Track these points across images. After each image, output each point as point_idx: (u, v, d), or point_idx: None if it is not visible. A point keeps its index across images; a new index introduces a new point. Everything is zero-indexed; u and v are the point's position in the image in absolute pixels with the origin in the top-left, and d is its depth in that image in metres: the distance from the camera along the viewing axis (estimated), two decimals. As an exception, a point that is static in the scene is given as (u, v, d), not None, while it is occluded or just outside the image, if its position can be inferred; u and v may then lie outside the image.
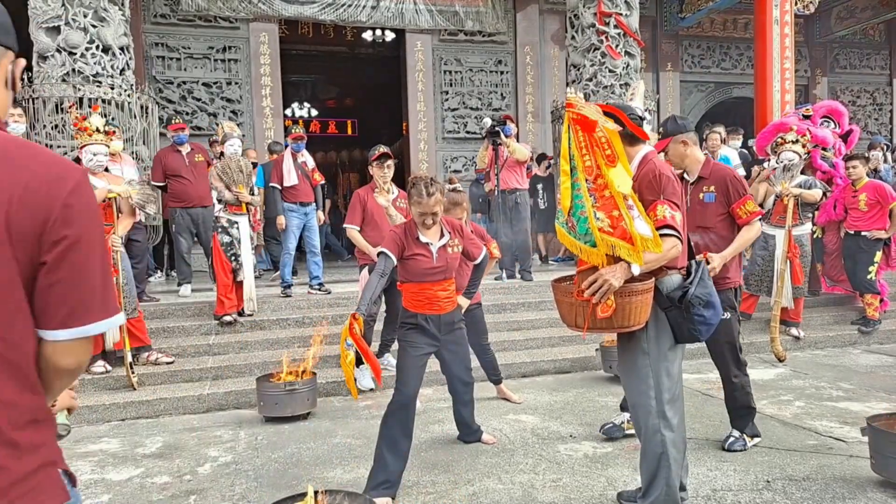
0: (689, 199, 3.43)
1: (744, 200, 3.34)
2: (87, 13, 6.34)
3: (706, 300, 2.37)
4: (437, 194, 3.03)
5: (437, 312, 3.17)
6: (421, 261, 3.10)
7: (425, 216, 3.05)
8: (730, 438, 3.48)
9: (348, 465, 3.40)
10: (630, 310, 2.26)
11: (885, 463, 2.86)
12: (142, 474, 3.37)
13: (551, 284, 2.50)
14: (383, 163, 4.72)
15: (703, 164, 3.46)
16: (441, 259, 3.13)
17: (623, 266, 2.21)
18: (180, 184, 6.52)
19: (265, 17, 9.68)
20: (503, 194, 6.88)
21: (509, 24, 10.88)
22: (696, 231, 3.34)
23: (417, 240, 3.11)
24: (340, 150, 18.02)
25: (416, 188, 3.04)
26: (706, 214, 3.40)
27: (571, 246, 2.32)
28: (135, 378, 4.56)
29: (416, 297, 3.17)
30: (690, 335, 2.41)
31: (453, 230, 3.24)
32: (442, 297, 3.18)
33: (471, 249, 3.34)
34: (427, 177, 3.10)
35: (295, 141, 6.51)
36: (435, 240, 3.14)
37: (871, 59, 13.60)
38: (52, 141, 6.23)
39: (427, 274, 3.11)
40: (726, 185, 3.36)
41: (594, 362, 5.25)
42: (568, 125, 2.29)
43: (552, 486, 3.03)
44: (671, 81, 12.13)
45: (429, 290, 3.14)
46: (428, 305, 3.16)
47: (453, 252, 3.19)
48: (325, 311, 5.92)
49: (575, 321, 2.34)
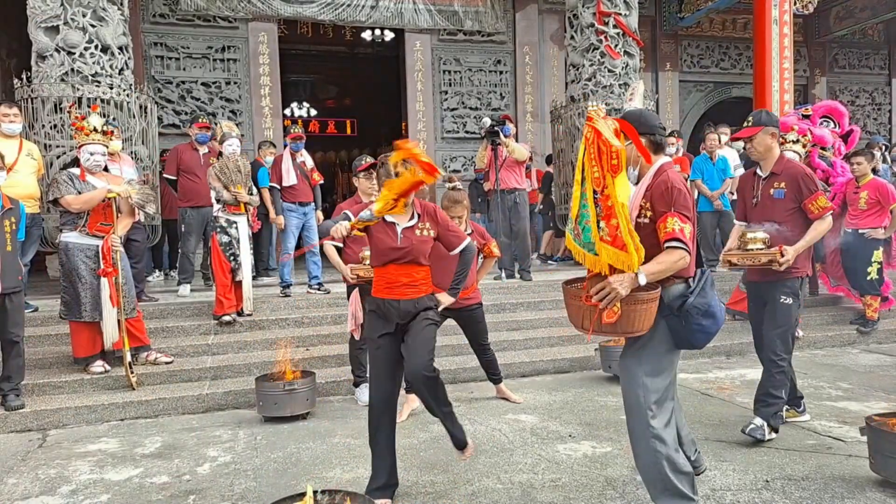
0: (760, 193, 3.63)
1: (815, 197, 3.48)
2: (85, 13, 6.33)
3: (705, 310, 2.42)
4: (405, 174, 2.82)
5: (396, 297, 2.89)
6: (384, 239, 2.89)
7: (373, 190, 2.96)
8: (750, 425, 3.52)
9: (347, 464, 3.40)
10: (634, 317, 2.35)
11: (884, 462, 2.87)
12: (141, 474, 3.36)
13: (562, 286, 2.57)
14: (371, 174, 4.35)
15: (777, 160, 3.60)
16: (406, 240, 2.89)
17: (630, 276, 2.29)
18: (192, 182, 6.49)
19: (264, 16, 9.67)
20: (502, 194, 6.88)
21: (508, 23, 10.88)
22: (763, 224, 3.56)
23: (382, 219, 2.90)
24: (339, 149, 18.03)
25: (384, 168, 2.91)
26: (775, 209, 3.56)
27: (576, 253, 2.44)
28: (134, 378, 4.55)
29: (378, 281, 2.98)
30: (688, 342, 2.49)
31: (424, 213, 3.00)
32: (404, 282, 2.91)
33: (448, 239, 3.07)
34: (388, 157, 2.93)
35: (294, 141, 6.52)
36: (403, 221, 2.93)
37: (870, 59, 13.61)
38: (50, 141, 6.22)
39: (389, 254, 2.89)
40: (798, 182, 3.51)
41: (593, 362, 5.25)
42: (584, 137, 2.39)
43: (551, 486, 3.03)
44: (670, 81, 12.13)
45: (390, 273, 2.91)
46: (388, 290, 2.91)
47: (422, 235, 2.94)
48: (325, 311, 5.92)
49: (581, 323, 2.43)
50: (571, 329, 5.92)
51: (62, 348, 4.93)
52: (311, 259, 6.39)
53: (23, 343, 4.23)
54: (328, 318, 5.79)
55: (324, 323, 5.76)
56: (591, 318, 2.36)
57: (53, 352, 4.94)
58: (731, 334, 5.97)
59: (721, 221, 7.34)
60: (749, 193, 3.75)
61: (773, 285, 3.56)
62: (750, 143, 3.61)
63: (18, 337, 4.16)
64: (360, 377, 4.56)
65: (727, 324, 6.09)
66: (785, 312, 3.53)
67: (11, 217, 4.11)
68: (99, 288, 4.52)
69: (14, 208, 4.18)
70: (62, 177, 4.55)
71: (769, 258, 3.43)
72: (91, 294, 4.52)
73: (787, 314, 3.53)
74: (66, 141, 6.12)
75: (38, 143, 5.97)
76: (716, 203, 7.21)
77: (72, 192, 4.47)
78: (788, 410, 3.90)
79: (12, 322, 4.10)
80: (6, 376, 4.20)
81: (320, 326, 5.71)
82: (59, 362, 4.84)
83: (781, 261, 3.38)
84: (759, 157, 3.65)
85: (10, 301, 4.08)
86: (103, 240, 4.52)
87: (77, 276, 4.51)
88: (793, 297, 3.54)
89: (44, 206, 5.56)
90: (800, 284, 3.60)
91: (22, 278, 4.26)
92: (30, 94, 6.25)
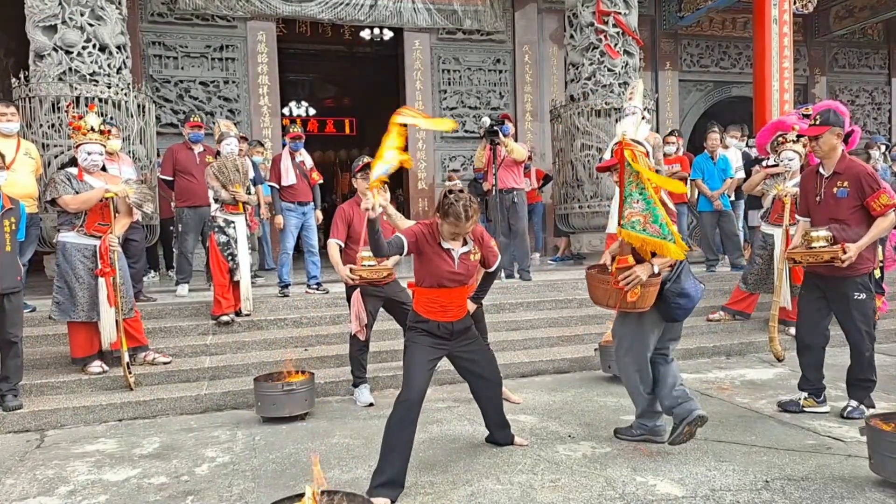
0: (824, 192, 3.81)
1: (878, 194, 3.64)
2: (83, 12, 6.32)
3: (679, 292, 3.24)
4: (474, 217, 3.02)
5: (449, 320, 3.18)
6: (442, 264, 3.09)
7: (456, 235, 3.07)
8: (848, 408, 3.88)
9: (346, 465, 3.39)
10: (645, 296, 3.19)
11: (883, 462, 2.86)
12: (139, 475, 3.35)
13: (586, 272, 3.41)
14: (367, 175, 4.22)
15: (839, 159, 3.77)
16: (462, 266, 3.13)
17: (648, 266, 3.16)
18: (189, 182, 6.48)
19: (263, 15, 9.66)
20: (501, 193, 6.87)
21: (508, 22, 10.87)
22: (828, 223, 3.74)
23: (439, 244, 3.10)
24: (338, 149, 18.01)
25: (453, 209, 2.98)
26: (839, 208, 3.74)
27: (642, 242, 3.14)
28: (132, 378, 4.54)
29: (430, 303, 3.15)
30: (671, 316, 3.32)
31: (476, 238, 3.22)
32: (456, 305, 3.19)
33: (488, 257, 3.34)
34: (465, 196, 3.02)
35: (293, 140, 6.50)
36: (457, 246, 3.13)
37: (870, 59, 13.61)
38: (48, 140, 6.21)
39: (447, 279, 3.11)
40: (860, 180, 3.67)
41: (593, 362, 5.24)
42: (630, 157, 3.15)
43: (551, 487, 3.02)
44: (670, 80, 12.13)
45: (444, 297, 3.14)
46: (441, 312, 3.16)
47: (474, 260, 3.20)
48: (323, 311, 5.91)
49: (606, 302, 3.29)
50: (571, 329, 5.93)
51: (60, 348, 4.92)
52: (309, 259, 6.38)
53: (21, 343, 4.21)
54: (327, 319, 5.78)
55: (322, 323, 5.75)
56: (616, 298, 3.20)
57: (51, 352, 4.93)
58: (732, 334, 5.97)
59: (721, 221, 7.33)
60: (812, 192, 3.92)
61: (844, 282, 3.79)
62: (815, 141, 3.76)
63: (17, 337, 4.14)
64: (360, 378, 4.54)
65: (727, 324, 6.09)
66: (861, 307, 3.80)
67: (11, 217, 4.10)
68: (96, 288, 4.50)
69: (14, 208, 4.16)
70: (60, 176, 4.53)
71: (832, 255, 3.63)
72: (88, 294, 4.50)
73: (863, 308, 3.81)
74: (63, 140, 6.11)
75: (35, 142, 5.95)
76: (716, 203, 7.20)
77: (69, 191, 4.46)
78: (807, 399, 4.09)
79: (10, 322, 4.08)
80: (4, 376, 4.19)
81: (319, 326, 5.69)
82: (57, 362, 4.83)
83: (843, 258, 3.59)
84: (823, 156, 3.80)
85: (9, 301, 4.06)
86: (101, 240, 4.50)
87: (74, 275, 4.49)
88: (866, 292, 3.80)
89: (42, 205, 5.55)
90: (869, 278, 3.83)
91: (21, 279, 4.24)
92: (27, 94, 6.24)
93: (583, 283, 6.77)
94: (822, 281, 3.89)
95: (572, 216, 8.58)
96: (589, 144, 8.30)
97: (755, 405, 4.23)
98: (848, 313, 3.82)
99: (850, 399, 3.93)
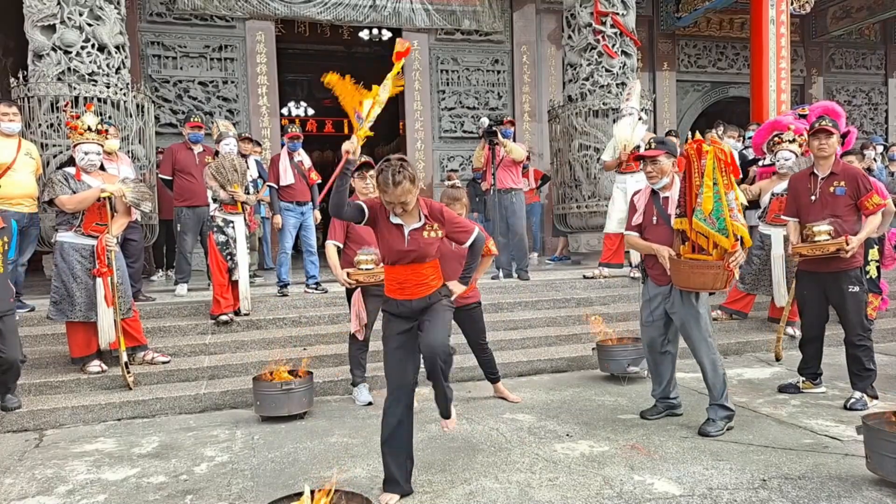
0: (820, 191, 4.11)
1: (870, 195, 3.99)
2: (82, 11, 6.31)
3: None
4: (404, 183, 2.76)
5: (407, 298, 2.95)
6: (392, 240, 2.90)
7: (393, 205, 2.83)
8: (851, 399, 4.08)
9: (345, 464, 3.40)
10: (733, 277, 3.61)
11: (880, 461, 2.87)
12: (138, 474, 3.36)
13: (685, 261, 3.61)
14: (364, 173, 4.37)
15: (835, 161, 4.11)
16: (413, 243, 2.89)
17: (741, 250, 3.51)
18: (188, 182, 6.48)
19: (261, 15, 9.67)
20: (499, 193, 6.88)
21: (506, 23, 10.88)
22: (827, 219, 4.03)
23: (388, 220, 2.89)
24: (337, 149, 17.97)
25: (382, 175, 2.80)
26: (837, 205, 4.05)
27: (709, 234, 3.47)
28: (130, 378, 4.54)
29: (390, 281, 3.00)
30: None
31: (431, 214, 2.96)
32: (414, 282, 2.94)
33: (457, 235, 3.05)
34: (398, 162, 2.81)
35: (291, 140, 6.50)
36: (410, 223, 2.91)
37: (867, 59, 13.65)
38: (47, 140, 6.21)
39: (397, 255, 2.91)
40: (857, 181, 4.02)
41: (591, 361, 5.25)
42: (713, 156, 3.45)
43: (549, 486, 3.03)
44: (668, 81, 12.15)
45: (400, 274, 2.94)
46: (399, 290, 2.96)
47: (429, 237, 2.93)
48: (322, 311, 5.91)
49: (714, 285, 3.56)
50: (569, 328, 5.94)
51: (59, 348, 4.92)
52: (308, 259, 6.39)
53: (19, 364, 4.10)
54: (325, 318, 5.78)
55: (321, 322, 5.76)
56: (723, 280, 3.49)
57: (50, 351, 4.93)
58: (729, 334, 5.98)
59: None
60: (805, 192, 4.19)
61: (837, 276, 4.09)
62: (827, 140, 4.07)
63: (14, 358, 4.01)
64: (359, 377, 4.55)
65: (724, 323, 6.10)
66: (855, 299, 4.08)
67: (3, 237, 3.98)
68: (94, 288, 4.50)
69: (6, 227, 4.03)
70: (57, 176, 4.53)
71: (837, 247, 3.94)
72: (86, 294, 4.50)
73: (857, 300, 4.08)
74: (62, 140, 6.10)
75: (34, 142, 5.95)
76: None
77: (66, 191, 4.46)
78: (805, 382, 4.45)
79: (7, 345, 3.94)
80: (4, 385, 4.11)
81: (318, 326, 5.70)
82: (56, 362, 4.83)
83: (847, 248, 3.92)
84: (826, 155, 4.09)
85: (3, 323, 3.93)
86: (98, 239, 4.50)
87: (72, 275, 4.49)
88: (859, 285, 4.09)
89: (40, 205, 5.55)
90: (860, 272, 4.12)
91: (13, 300, 4.09)
92: (26, 94, 6.24)
93: (581, 282, 6.81)
94: (819, 277, 4.17)
95: (570, 216, 8.60)
96: (587, 145, 8.32)
97: (752, 404, 4.24)
98: (843, 305, 4.11)
99: (853, 391, 4.14)
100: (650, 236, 3.84)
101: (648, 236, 3.85)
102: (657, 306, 3.88)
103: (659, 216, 3.81)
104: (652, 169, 3.79)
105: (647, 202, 3.90)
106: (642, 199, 3.94)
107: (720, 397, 3.71)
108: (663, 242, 3.74)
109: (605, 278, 6.88)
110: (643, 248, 3.87)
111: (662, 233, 3.78)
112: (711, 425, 3.66)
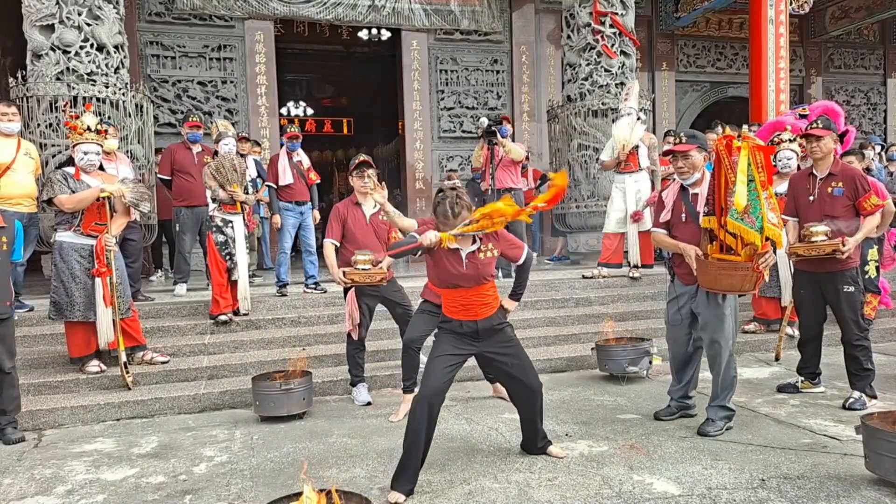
0: (818, 191, 4.10)
1: (868, 195, 3.98)
2: (81, 11, 6.31)
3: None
4: (463, 213, 2.96)
5: (472, 319, 3.11)
6: (449, 266, 3.03)
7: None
8: (850, 399, 4.08)
9: (344, 464, 3.40)
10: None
11: (879, 461, 2.87)
12: (137, 474, 3.36)
13: (712, 261, 3.48)
14: (363, 172, 4.38)
15: (833, 162, 4.10)
16: (471, 266, 3.03)
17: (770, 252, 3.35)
18: (186, 182, 6.47)
19: (260, 15, 9.66)
20: (498, 193, 6.87)
21: (505, 23, 10.88)
22: (824, 219, 4.03)
23: (445, 246, 3.02)
24: (336, 149, 17.98)
25: (440, 207, 2.96)
26: (835, 205, 4.04)
27: (744, 232, 3.32)
28: (129, 378, 4.54)
29: (451, 303, 3.12)
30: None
31: (485, 235, 3.07)
32: (478, 304, 3.10)
33: (509, 253, 3.20)
34: (452, 192, 2.97)
35: (290, 140, 6.50)
36: (466, 246, 3.04)
37: (866, 59, 13.66)
38: (45, 140, 6.20)
39: (457, 280, 3.05)
40: (855, 182, 4.01)
41: (590, 361, 5.25)
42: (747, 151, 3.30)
43: (548, 485, 3.03)
44: (667, 81, 12.16)
45: (464, 297, 3.08)
46: (463, 311, 3.10)
47: (486, 257, 3.07)
48: (321, 311, 5.91)
49: (742, 287, 3.44)
50: (568, 328, 5.94)
51: (58, 348, 4.92)
52: (307, 259, 6.38)
53: (15, 373, 3.92)
54: (325, 318, 5.78)
55: (320, 322, 5.75)
56: (752, 281, 3.39)
57: (49, 351, 4.93)
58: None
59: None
60: (804, 192, 4.19)
61: (833, 276, 4.07)
62: (817, 143, 4.06)
63: (10, 367, 3.84)
64: (358, 377, 4.55)
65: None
66: (850, 299, 4.07)
67: (3, 237, 3.89)
68: (93, 288, 4.50)
69: (8, 227, 3.96)
70: (56, 176, 4.52)
71: (833, 247, 3.91)
72: (85, 294, 4.49)
73: (852, 300, 4.08)
74: (61, 140, 6.10)
75: (33, 142, 5.94)
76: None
77: (65, 191, 4.45)
78: (803, 381, 4.46)
79: (4, 350, 3.81)
80: (1, 410, 3.88)
81: (317, 326, 5.70)
82: (55, 362, 4.83)
83: (843, 249, 3.88)
84: (820, 157, 4.08)
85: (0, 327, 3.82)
86: (97, 239, 4.49)
87: (71, 275, 4.48)
88: (854, 285, 4.07)
89: (39, 205, 5.54)
90: (856, 272, 4.11)
91: (11, 304, 3.91)
92: (25, 94, 6.23)
93: (580, 282, 6.81)
94: (815, 277, 4.17)
95: (569, 216, 8.60)
96: (586, 144, 8.32)
97: (751, 404, 4.25)
98: (839, 305, 4.11)
99: (852, 390, 4.15)
100: (678, 234, 3.69)
101: (676, 234, 3.70)
102: (684, 304, 3.77)
103: (688, 213, 3.65)
104: (683, 164, 3.62)
105: (676, 199, 3.73)
106: (671, 195, 3.77)
107: (723, 399, 3.67)
108: (692, 241, 3.59)
109: (605, 278, 6.88)
110: (670, 246, 3.73)
111: (691, 231, 3.62)
112: (711, 425, 3.65)
